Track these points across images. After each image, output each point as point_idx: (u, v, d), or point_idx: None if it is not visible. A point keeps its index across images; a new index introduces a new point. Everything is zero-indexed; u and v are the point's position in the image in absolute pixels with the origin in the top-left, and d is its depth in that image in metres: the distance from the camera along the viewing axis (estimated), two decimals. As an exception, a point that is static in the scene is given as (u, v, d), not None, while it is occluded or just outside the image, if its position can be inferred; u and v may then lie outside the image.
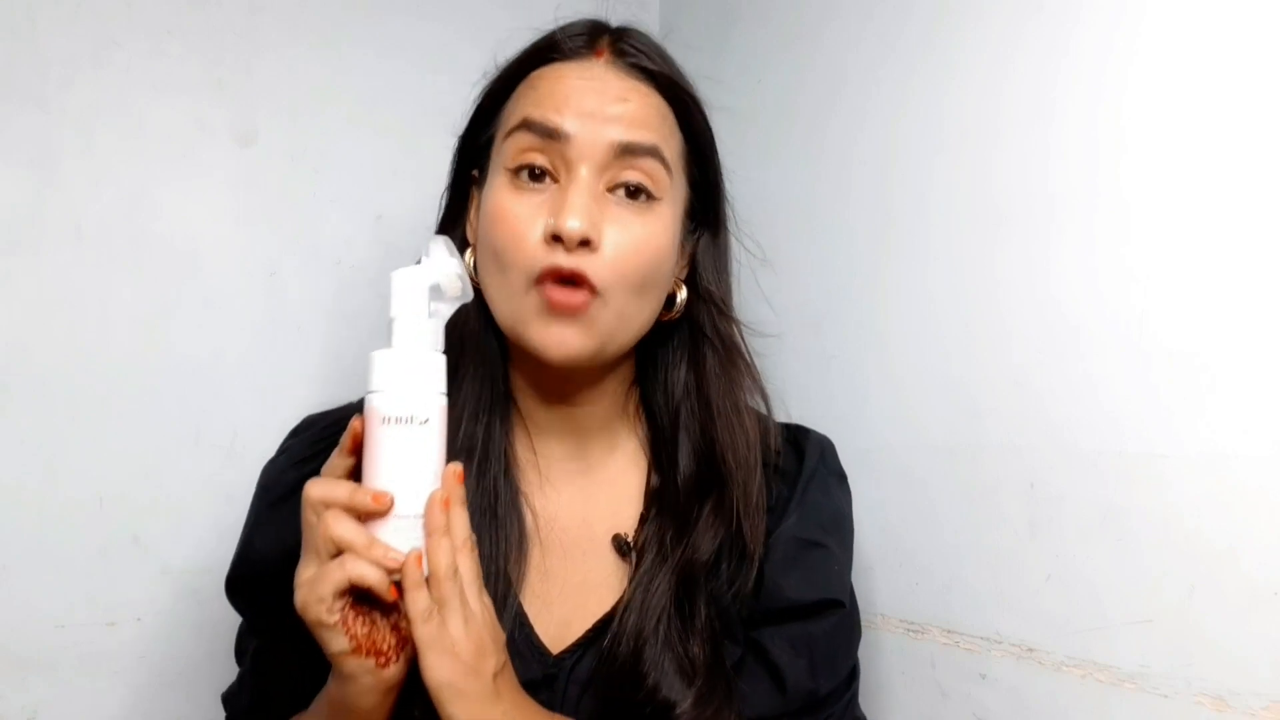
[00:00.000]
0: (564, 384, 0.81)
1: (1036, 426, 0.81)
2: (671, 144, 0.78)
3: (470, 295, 0.70)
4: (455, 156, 0.84)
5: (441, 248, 0.70)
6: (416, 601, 0.64)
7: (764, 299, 0.99)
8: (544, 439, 0.83)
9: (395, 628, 0.67)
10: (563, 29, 0.79)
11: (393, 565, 0.64)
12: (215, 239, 1.05)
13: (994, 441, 0.84)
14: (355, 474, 0.68)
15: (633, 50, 0.78)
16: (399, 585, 0.66)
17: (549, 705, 0.74)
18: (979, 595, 0.85)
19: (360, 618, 0.67)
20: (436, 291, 0.69)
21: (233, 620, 0.86)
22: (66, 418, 0.98)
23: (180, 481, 1.02)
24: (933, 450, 0.90)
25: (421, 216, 0.87)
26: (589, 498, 0.83)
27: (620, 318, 0.75)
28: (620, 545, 0.80)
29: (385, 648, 0.67)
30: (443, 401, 0.68)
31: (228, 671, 0.88)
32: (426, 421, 0.67)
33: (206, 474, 1.04)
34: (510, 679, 0.69)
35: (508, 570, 0.77)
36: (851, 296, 0.99)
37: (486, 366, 0.81)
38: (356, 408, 0.83)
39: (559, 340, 0.74)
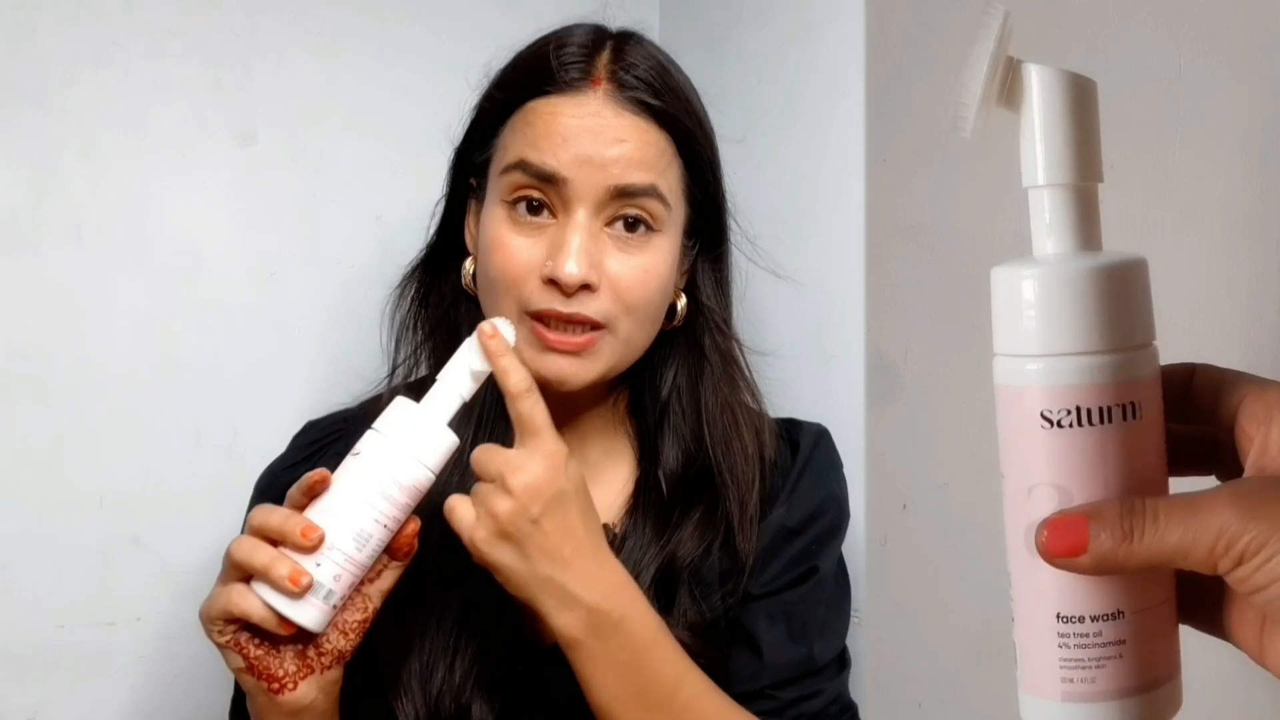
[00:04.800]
0: (562, 396, 0.81)
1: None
2: (669, 176, 0.77)
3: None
4: (452, 168, 0.83)
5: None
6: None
7: (764, 296, 0.99)
8: None
9: (301, 655, 0.68)
10: (557, 46, 0.77)
11: (292, 589, 0.64)
12: (215, 239, 1.05)
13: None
14: None
15: (632, 81, 0.76)
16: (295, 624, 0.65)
17: (538, 700, 0.75)
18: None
19: (255, 639, 0.67)
20: (479, 378, 0.70)
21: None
22: (67, 418, 0.98)
23: (180, 481, 1.03)
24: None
25: (421, 217, 0.87)
26: None
27: (627, 345, 0.77)
28: (608, 538, 0.81)
29: (280, 674, 0.67)
30: (420, 473, 0.68)
31: (227, 671, 0.88)
32: (358, 454, 0.67)
33: (206, 474, 1.04)
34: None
35: None
36: (852, 300, 0.99)
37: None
38: (356, 411, 0.84)
39: (557, 372, 0.74)
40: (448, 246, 0.83)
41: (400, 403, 0.69)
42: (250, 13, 1.06)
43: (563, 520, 0.67)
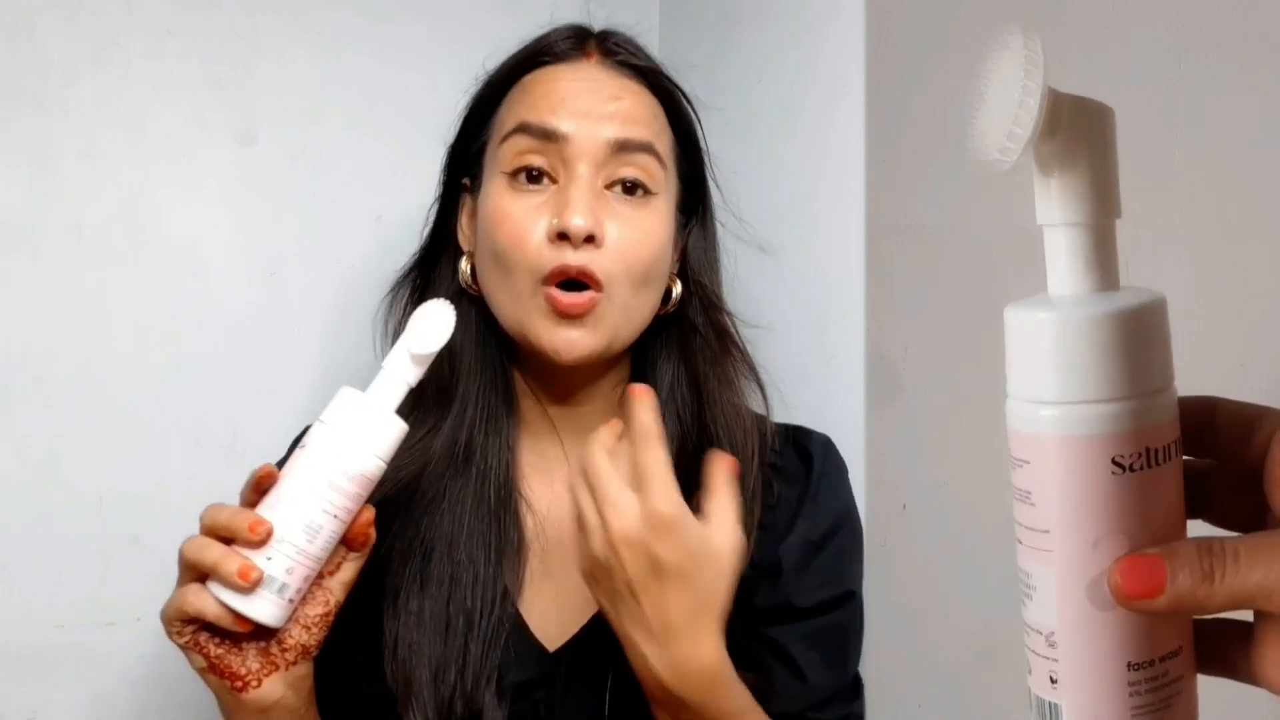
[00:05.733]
0: (567, 384, 0.81)
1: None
2: (664, 139, 0.80)
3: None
4: (445, 165, 0.85)
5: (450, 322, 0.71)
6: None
7: (764, 296, 0.99)
8: (545, 440, 0.83)
9: (264, 651, 0.68)
10: (549, 33, 0.81)
11: (242, 584, 0.64)
12: (215, 239, 1.05)
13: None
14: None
15: (621, 49, 0.80)
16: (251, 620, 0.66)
17: (547, 703, 0.75)
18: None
19: (215, 638, 0.67)
20: (422, 362, 0.70)
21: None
22: (67, 418, 0.98)
23: (180, 481, 1.03)
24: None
25: (422, 217, 0.87)
26: None
27: (624, 312, 0.77)
28: None
29: (243, 672, 0.67)
30: (369, 462, 0.68)
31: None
32: (305, 446, 0.67)
33: (206, 474, 1.04)
34: None
35: (503, 575, 0.78)
36: (852, 300, 0.99)
37: (489, 371, 0.81)
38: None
39: (567, 342, 0.75)
40: (440, 247, 0.84)
41: (345, 393, 0.69)
42: (250, 13, 1.06)
43: (658, 596, 0.62)
